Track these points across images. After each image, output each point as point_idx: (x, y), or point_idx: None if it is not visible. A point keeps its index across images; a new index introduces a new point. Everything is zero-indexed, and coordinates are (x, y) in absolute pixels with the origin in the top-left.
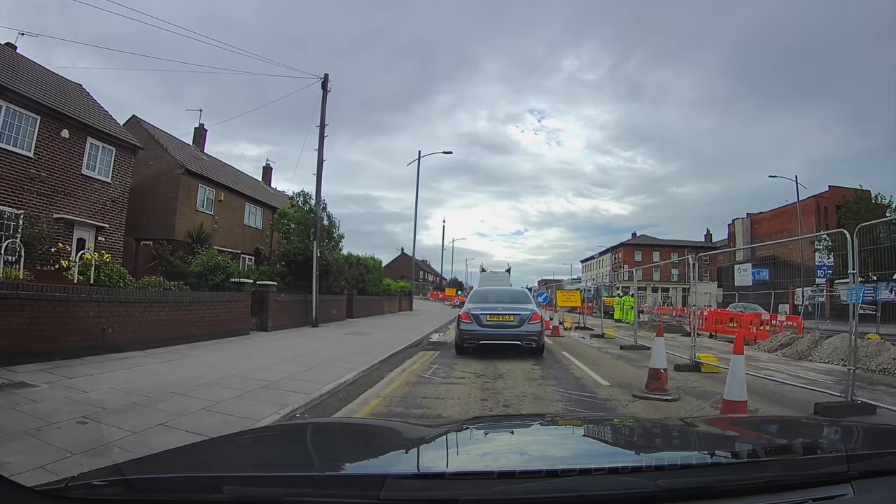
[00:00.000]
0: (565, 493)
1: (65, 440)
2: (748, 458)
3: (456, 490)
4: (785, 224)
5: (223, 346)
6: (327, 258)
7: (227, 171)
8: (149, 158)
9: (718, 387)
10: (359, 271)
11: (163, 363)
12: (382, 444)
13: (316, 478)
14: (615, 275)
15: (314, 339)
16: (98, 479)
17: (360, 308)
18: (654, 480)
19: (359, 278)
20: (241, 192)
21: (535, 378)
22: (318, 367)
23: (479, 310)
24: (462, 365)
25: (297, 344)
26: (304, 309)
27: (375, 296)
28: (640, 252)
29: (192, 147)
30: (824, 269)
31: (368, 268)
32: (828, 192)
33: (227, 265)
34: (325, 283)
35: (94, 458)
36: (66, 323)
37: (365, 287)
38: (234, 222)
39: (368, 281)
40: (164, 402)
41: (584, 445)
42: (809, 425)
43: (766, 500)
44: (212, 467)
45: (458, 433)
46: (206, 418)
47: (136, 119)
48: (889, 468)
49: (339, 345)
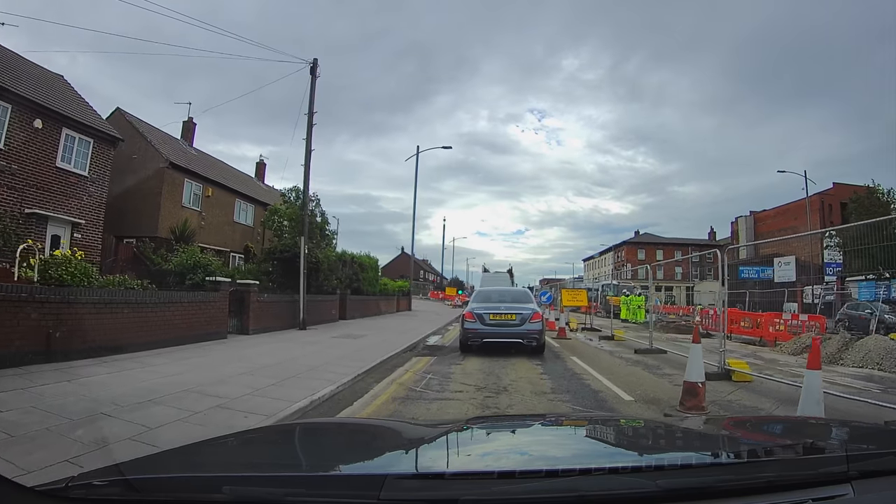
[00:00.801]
0: (565, 493)
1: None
2: (748, 458)
3: (456, 490)
4: (789, 222)
5: (192, 353)
6: (317, 255)
7: (216, 166)
8: (132, 152)
9: (758, 400)
10: (353, 270)
11: (112, 374)
12: (382, 444)
13: (316, 478)
14: (618, 273)
15: (297, 344)
16: (98, 479)
17: (354, 308)
18: (654, 480)
19: (353, 277)
20: (230, 187)
21: (546, 392)
22: (293, 380)
23: (483, 309)
24: (460, 375)
25: (278, 349)
26: (291, 310)
27: (371, 296)
28: (643, 250)
29: (179, 141)
30: (833, 267)
31: (363, 266)
32: (832, 189)
33: (207, 263)
34: (315, 282)
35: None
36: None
37: (359, 286)
38: (223, 219)
39: (363, 280)
40: (82, 427)
41: (584, 445)
42: (809, 425)
43: (766, 500)
44: (212, 467)
45: (458, 433)
46: (124, 450)
47: (121, 111)
48: (889, 468)
49: (324, 350)
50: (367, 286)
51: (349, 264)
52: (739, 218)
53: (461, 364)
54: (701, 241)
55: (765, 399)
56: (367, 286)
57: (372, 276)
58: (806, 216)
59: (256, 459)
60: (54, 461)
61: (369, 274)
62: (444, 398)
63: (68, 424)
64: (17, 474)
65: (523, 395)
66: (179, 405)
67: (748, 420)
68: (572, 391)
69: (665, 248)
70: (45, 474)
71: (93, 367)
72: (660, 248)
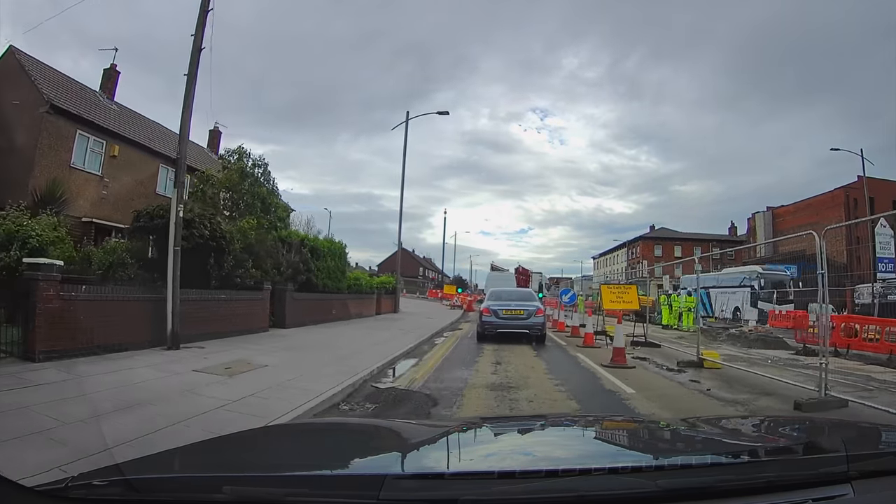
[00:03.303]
0: (565, 493)
1: None
2: (748, 458)
3: (456, 490)
4: (811, 217)
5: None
6: (219, 227)
7: (140, 124)
8: (14, 97)
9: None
10: (300, 256)
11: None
12: (382, 444)
13: (316, 477)
14: (633, 272)
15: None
16: (98, 479)
17: (300, 312)
18: (654, 480)
19: (298, 267)
20: (151, 148)
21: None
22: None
23: (497, 306)
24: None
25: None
26: (156, 314)
27: (334, 293)
28: (660, 246)
29: (92, 91)
30: (886, 262)
31: (317, 252)
32: (856, 182)
33: (31, 234)
34: (218, 268)
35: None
36: None
37: (311, 280)
38: (139, 190)
39: (318, 272)
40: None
41: (584, 446)
42: (809, 425)
43: (766, 500)
44: (212, 467)
45: (459, 433)
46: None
47: (13, 49)
48: (889, 468)
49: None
50: (326, 280)
51: (295, 248)
52: (756, 214)
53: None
54: (721, 237)
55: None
56: (323, 280)
57: (333, 266)
58: (828, 211)
59: (256, 459)
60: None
61: (328, 263)
62: None
63: None
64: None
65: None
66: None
67: (748, 420)
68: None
69: (683, 244)
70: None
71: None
72: (678, 244)
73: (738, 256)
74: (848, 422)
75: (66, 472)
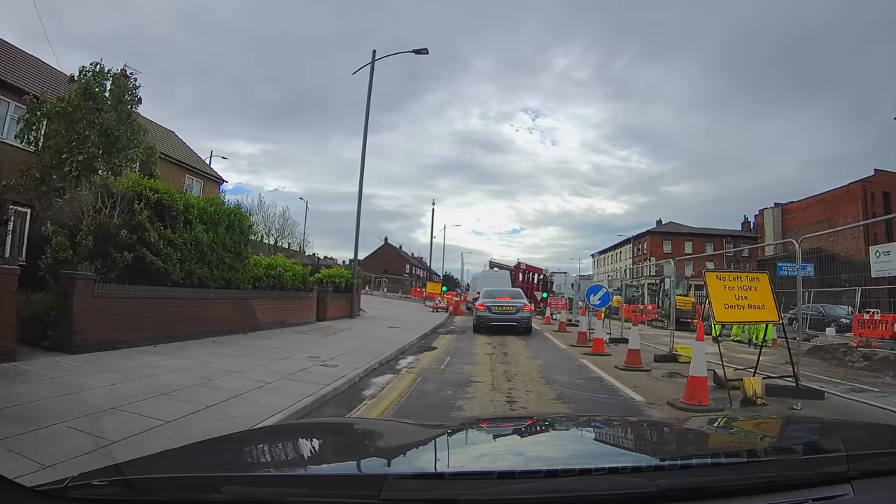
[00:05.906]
0: (565, 493)
1: None
2: (748, 458)
3: (456, 490)
4: (825, 213)
5: None
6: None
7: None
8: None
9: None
10: (124, 218)
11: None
12: (382, 444)
13: (316, 477)
14: (638, 269)
15: None
16: (98, 479)
17: (122, 319)
18: (654, 480)
19: (118, 236)
20: None
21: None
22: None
23: (491, 303)
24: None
25: None
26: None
27: (224, 289)
28: (669, 242)
29: None
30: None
31: (170, 213)
32: (874, 176)
33: None
34: None
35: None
36: None
37: (149, 260)
38: None
39: (166, 247)
40: None
41: (584, 446)
42: (809, 425)
43: (766, 500)
44: (212, 467)
45: (458, 434)
46: None
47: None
48: (889, 468)
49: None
50: (192, 265)
51: (121, 205)
52: (764, 210)
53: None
54: (734, 232)
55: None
56: (185, 264)
57: (219, 241)
58: (843, 206)
59: (257, 459)
60: None
61: (199, 235)
62: None
63: None
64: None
65: None
66: None
67: (748, 420)
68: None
69: (695, 240)
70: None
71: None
72: (688, 240)
73: (753, 255)
74: (848, 422)
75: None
